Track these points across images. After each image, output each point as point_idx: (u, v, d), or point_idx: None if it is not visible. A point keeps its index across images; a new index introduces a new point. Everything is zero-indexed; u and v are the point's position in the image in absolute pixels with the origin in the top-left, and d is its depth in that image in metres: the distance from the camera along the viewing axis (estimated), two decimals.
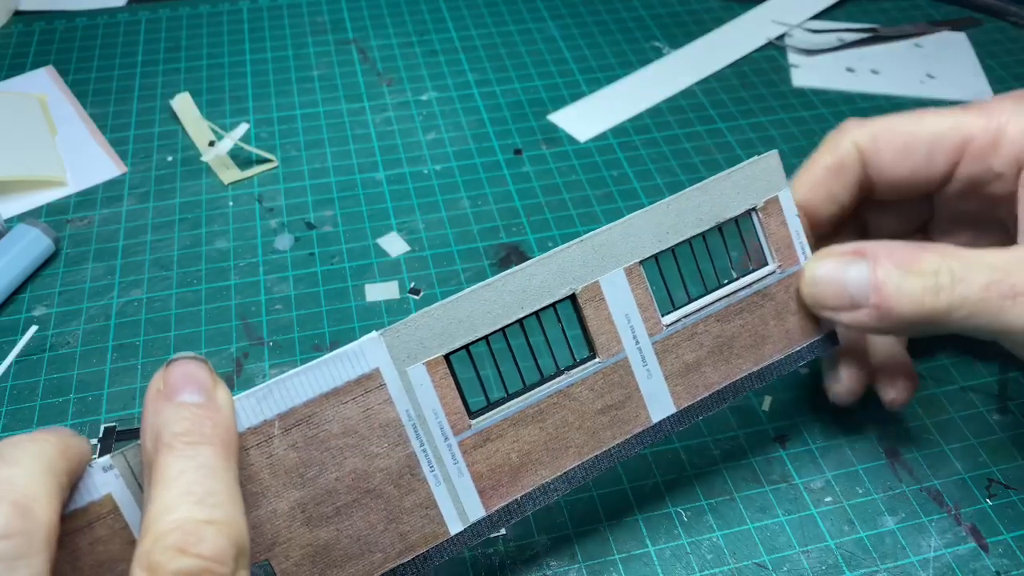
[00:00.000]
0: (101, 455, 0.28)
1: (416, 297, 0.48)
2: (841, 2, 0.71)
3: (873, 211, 0.40)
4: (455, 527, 0.30)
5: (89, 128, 0.59)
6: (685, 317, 0.33)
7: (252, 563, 0.27)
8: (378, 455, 0.29)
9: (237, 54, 0.66)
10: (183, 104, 0.60)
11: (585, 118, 0.60)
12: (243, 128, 0.57)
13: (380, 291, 0.48)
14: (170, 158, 0.57)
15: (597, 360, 0.31)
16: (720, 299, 0.33)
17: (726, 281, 0.34)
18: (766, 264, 0.34)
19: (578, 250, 0.30)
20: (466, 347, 0.30)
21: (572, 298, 0.31)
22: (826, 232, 0.38)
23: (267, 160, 0.56)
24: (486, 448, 0.30)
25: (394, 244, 0.51)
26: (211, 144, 0.57)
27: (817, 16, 0.69)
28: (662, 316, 0.32)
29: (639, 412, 0.32)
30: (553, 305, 0.31)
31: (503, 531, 0.37)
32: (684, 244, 0.33)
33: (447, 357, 0.29)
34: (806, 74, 0.64)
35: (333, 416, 0.28)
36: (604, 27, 0.69)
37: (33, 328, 0.44)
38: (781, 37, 0.67)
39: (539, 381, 0.31)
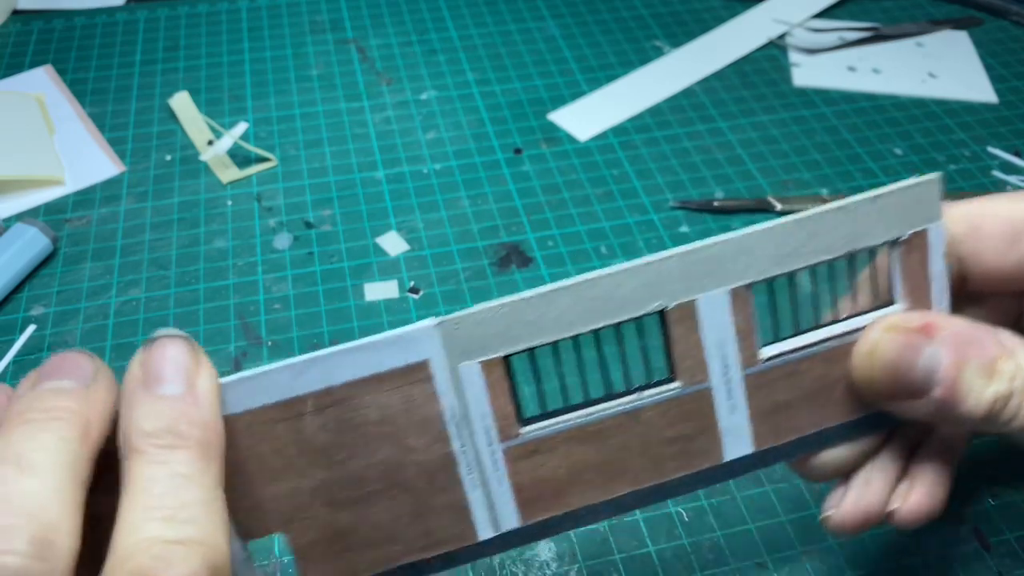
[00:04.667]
0: None
1: (415, 296, 0.47)
2: (842, 1, 0.70)
3: (958, 305, 0.33)
4: (485, 533, 0.28)
5: (87, 127, 0.59)
6: (789, 352, 0.28)
7: (268, 535, 0.26)
8: (414, 449, 0.27)
9: (236, 53, 0.66)
10: (181, 103, 0.59)
11: (585, 117, 0.60)
12: (242, 127, 0.57)
13: (379, 290, 0.48)
14: (168, 157, 0.57)
15: (676, 385, 0.28)
16: (834, 337, 0.29)
17: (845, 317, 0.29)
18: (893, 304, 0.29)
19: (678, 262, 0.27)
20: (529, 350, 0.27)
21: (661, 314, 0.27)
22: None
23: (266, 159, 0.56)
24: (532, 460, 0.28)
25: (393, 243, 0.51)
26: (210, 143, 0.57)
27: (818, 15, 0.69)
28: (762, 347, 0.28)
29: (711, 448, 0.29)
30: (638, 319, 0.27)
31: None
32: (805, 271, 0.28)
33: (506, 359, 0.27)
34: (807, 73, 0.64)
35: (371, 403, 0.26)
36: (604, 26, 0.69)
37: (31, 328, 0.44)
38: (782, 36, 0.67)
39: (605, 397, 0.28)
